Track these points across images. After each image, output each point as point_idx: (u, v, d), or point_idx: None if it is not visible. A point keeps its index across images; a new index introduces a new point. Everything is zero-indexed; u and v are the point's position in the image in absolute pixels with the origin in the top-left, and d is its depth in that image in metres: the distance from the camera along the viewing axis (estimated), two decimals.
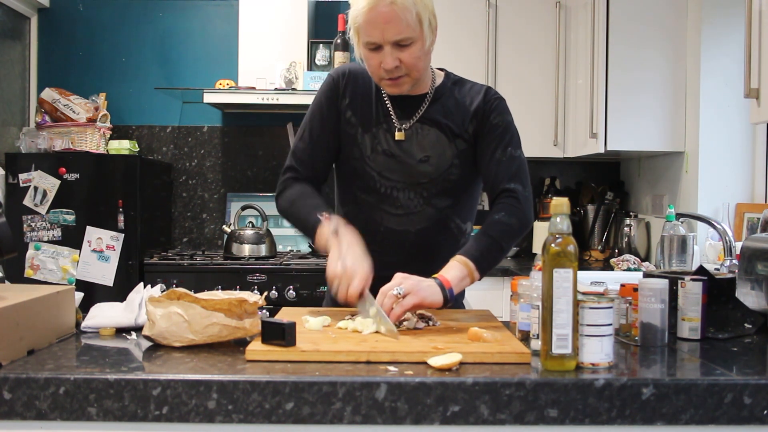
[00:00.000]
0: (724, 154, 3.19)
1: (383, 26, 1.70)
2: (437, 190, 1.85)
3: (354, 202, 1.91)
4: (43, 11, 4.04)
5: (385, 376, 1.23)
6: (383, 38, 1.71)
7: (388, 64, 1.74)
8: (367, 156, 1.86)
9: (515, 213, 1.79)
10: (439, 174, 1.85)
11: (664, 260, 2.72)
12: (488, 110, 1.86)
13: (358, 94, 1.89)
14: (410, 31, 1.71)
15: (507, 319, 1.70)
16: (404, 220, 1.86)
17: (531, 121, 3.72)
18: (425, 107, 1.87)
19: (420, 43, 1.74)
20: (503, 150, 1.84)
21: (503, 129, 1.86)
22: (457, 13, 3.73)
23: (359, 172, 1.87)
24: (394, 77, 1.77)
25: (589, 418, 1.21)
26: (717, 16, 3.15)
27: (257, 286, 3.34)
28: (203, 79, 3.97)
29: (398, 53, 1.73)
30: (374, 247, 1.83)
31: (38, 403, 1.21)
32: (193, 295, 1.44)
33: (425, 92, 1.89)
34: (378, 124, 1.87)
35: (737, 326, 1.66)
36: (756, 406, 1.22)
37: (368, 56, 1.77)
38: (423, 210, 1.86)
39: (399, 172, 1.85)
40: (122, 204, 3.42)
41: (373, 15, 1.69)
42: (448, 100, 1.88)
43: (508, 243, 1.79)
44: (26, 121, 3.95)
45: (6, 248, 1.50)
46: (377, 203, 1.87)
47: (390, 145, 1.85)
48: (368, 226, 1.86)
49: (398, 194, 1.86)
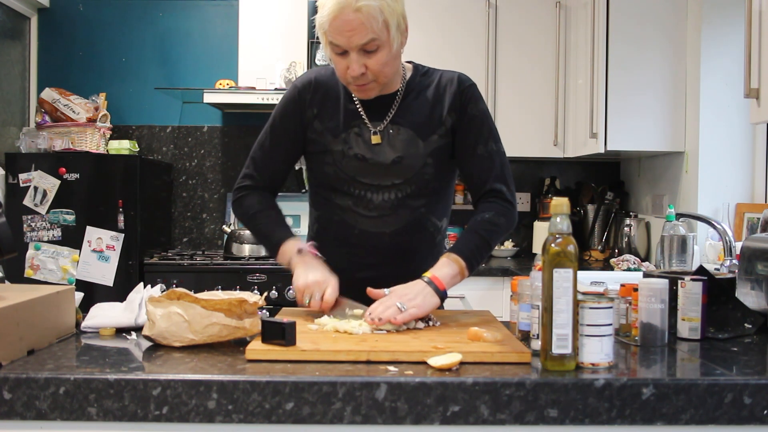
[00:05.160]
0: (724, 154, 3.19)
1: (348, 33, 1.66)
2: (411, 190, 1.84)
3: (327, 206, 1.89)
4: (43, 11, 4.04)
5: (385, 376, 1.23)
6: (349, 44, 1.68)
7: (354, 71, 1.71)
8: (338, 161, 1.84)
9: (504, 213, 1.82)
10: (413, 174, 1.83)
11: (664, 260, 2.72)
12: (465, 101, 1.85)
13: (326, 101, 1.86)
14: (376, 36, 1.68)
15: (507, 319, 1.69)
16: (379, 222, 1.84)
17: (531, 121, 3.72)
18: (397, 106, 1.85)
19: (387, 49, 1.71)
20: (484, 145, 1.84)
21: (481, 121, 1.85)
22: (457, 13, 3.73)
23: (331, 176, 1.86)
24: (361, 84, 1.75)
25: (589, 418, 1.21)
26: (717, 16, 3.16)
27: (257, 286, 3.34)
28: (203, 79, 3.98)
29: (365, 59, 1.70)
30: (349, 249, 1.86)
31: (38, 403, 1.21)
32: (193, 295, 1.44)
33: (396, 90, 1.86)
34: (349, 128, 1.84)
35: (737, 326, 1.66)
36: (756, 406, 1.22)
37: (335, 60, 1.75)
38: (397, 211, 1.84)
39: (372, 175, 1.83)
40: (122, 204, 3.42)
41: (339, 23, 1.66)
42: (419, 95, 1.86)
43: (495, 242, 1.82)
44: (26, 121, 3.95)
45: (6, 248, 1.50)
46: (351, 206, 1.85)
47: (361, 149, 1.83)
48: (343, 228, 1.87)
49: (372, 196, 1.84)
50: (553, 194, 4.01)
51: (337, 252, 1.86)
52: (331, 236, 1.89)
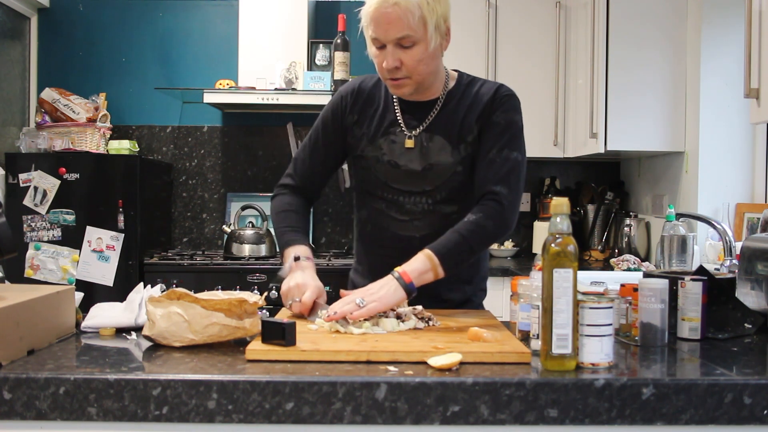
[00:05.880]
0: (724, 154, 3.19)
1: (386, 26, 1.73)
2: (441, 196, 1.87)
3: (366, 208, 1.96)
4: (43, 11, 4.04)
5: (385, 376, 1.23)
6: (386, 37, 1.74)
7: (389, 63, 1.76)
8: (372, 166, 1.90)
9: (493, 216, 1.76)
10: (442, 181, 1.86)
11: (664, 260, 2.72)
12: (494, 108, 1.85)
13: (366, 108, 1.92)
14: (412, 32, 1.73)
15: (507, 319, 1.70)
16: (409, 225, 1.89)
17: (531, 121, 3.66)
18: (436, 113, 1.88)
19: (423, 45, 1.75)
20: (499, 150, 1.82)
21: (503, 127, 1.84)
22: (457, 13, 3.67)
23: (367, 180, 1.93)
24: (396, 78, 1.79)
25: (589, 418, 1.21)
26: (717, 16, 3.15)
27: (257, 286, 3.34)
28: (203, 79, 3.97)
29: (400, 54, 1.75)
30: (382, 252, 1.92)
31: (38, 403, 1.21)
32: (193, 295, 1.44)
33: (437, 97, 1.89)
34: (385, 135, 1.89)
35: (737, 326, 1.66)
36: (756, 406, 1.22)
37: (375, 54, 1.80)
38: (428, 216, 1.88)
39: (403, 181, 1.88)
40: (122, 204, 3.42)
41: (378, 14, 1.73)
42: (459, 104, 1.88)
43: (480, 245, 1.78)
44: (26, 121, 3.95)
45: (6, 248, 1.50)
46: (384, 209, 1.91)
47: (394, 155, 1.87)
48: (377, 231, 1.94)
49: (404, 200, 1.89)
50: (553, 194, 4.01)
51: (374, 253, 1.96)
52: (369, 238, 1.97)
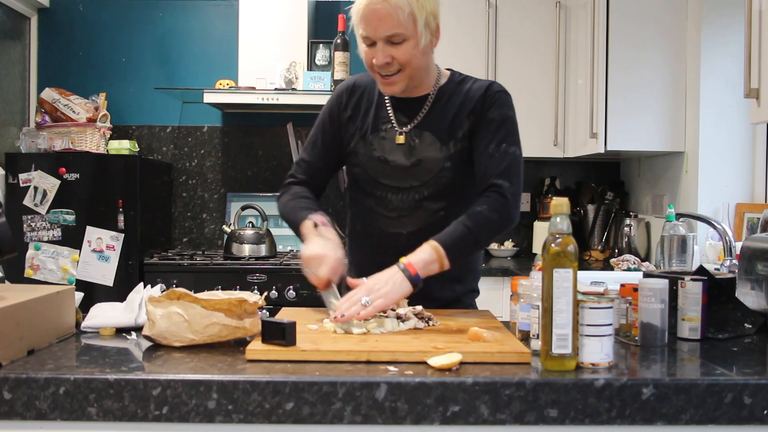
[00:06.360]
0: (724, 154, 3.19)
1: (376, 23, 1.75)
2: (429, 192, 1.87)
3: (357, 206, 1.98)
4: (43, 11, 4.04)
5: (385, 376, 1.23)
6: (376, 34, 1.76)
7: (379, 60, 1.77)
8: (363, 162, 1.91)
9: (498, 208, 1.76)
10: (431, 177, 1.86)
11: (664, 260, 2.72)
12: (487, 105, 1.85)
13: (360, 104, 1.94)
14: (402, 28, 1.74)
15: (507, 319, 1.69)
16: (396, 222, 1.89)
17: (531, 121, 3.71)
18: (426, 110, 1.89)
19: (413, 41, 1.76)
20: (497, 145, 1.82)
21: (499, 123, 1.84)
22: (457, 13, 3.72)
23: (358, 177, 1.94)
24: (387, 75, 1.80)
25: (589, 418, 1.21)
26: (717, 16, 3.15)
27: (257, 286, 3.34)
28: (203, 79, 3.97)
29: (390, 50, 1.77)
30: (372, 248, 1.93)
31: (38, 403, 1.21)
32: (193, 295, 1.44)
33: (427, 93, 1.90)
34: (375, 131, 1.90)
35: (737, 326, 1.66)
36: (756, 406, 1.22)
37: (365, 52, 1.81)
38: (415, 213, 1.88)
39: (392, 177, 1.89)
40: (122, 204, 3.42)
41: (367, 11, 1.75)
42: (450, 100, 1.89)
43: (486, 237, 1.77)
44: (26, 121, 3.94)
45: (6, 248, 1.50)
46: (374, 206, 1.92)
47: (384, 151, 1.89)
48: (367, 228, 1.95)
49: (392, 197, 1.90)
50: (553, 194, 4.01)
51: (364, 250, 1.96)
52: (358, 235, 1.99)
